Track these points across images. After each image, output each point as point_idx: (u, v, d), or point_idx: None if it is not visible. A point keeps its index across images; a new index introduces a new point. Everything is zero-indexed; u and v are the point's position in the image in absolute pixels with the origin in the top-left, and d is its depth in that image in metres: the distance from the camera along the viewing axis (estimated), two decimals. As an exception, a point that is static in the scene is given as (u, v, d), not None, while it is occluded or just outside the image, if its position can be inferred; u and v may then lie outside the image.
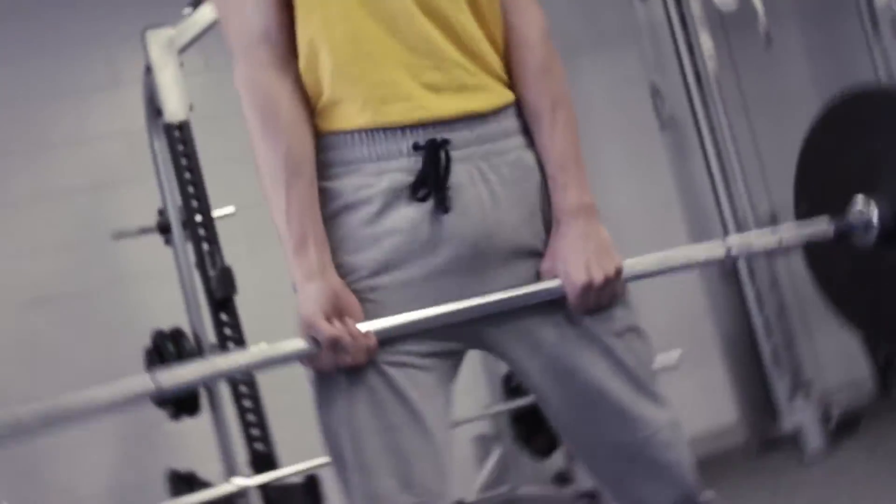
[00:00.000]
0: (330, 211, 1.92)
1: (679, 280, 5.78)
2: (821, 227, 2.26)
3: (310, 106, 1.94)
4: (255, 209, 2.16)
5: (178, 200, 4.48)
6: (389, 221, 1.90)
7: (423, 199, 1.89)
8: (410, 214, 1.89)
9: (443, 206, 1.89)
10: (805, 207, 2.49)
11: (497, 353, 2.03)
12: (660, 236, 5.80)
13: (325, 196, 1.92)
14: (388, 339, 1.86)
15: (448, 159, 1.90)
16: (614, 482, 2.07)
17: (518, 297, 1.93)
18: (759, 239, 2.30)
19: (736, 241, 2.24)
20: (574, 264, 1.92)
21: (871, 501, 4.24)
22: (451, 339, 1.94)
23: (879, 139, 2.33)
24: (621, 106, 6.12)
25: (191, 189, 4.43)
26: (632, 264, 2.01)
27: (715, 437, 5.86)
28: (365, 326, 1.84)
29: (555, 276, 1.94)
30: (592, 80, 6.20)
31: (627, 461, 2.00)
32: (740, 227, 5.32)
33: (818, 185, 2.51)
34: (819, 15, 6.49)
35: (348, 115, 1.91)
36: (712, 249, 2.17)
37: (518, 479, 5.37)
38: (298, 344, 1.85)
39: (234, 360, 1.93)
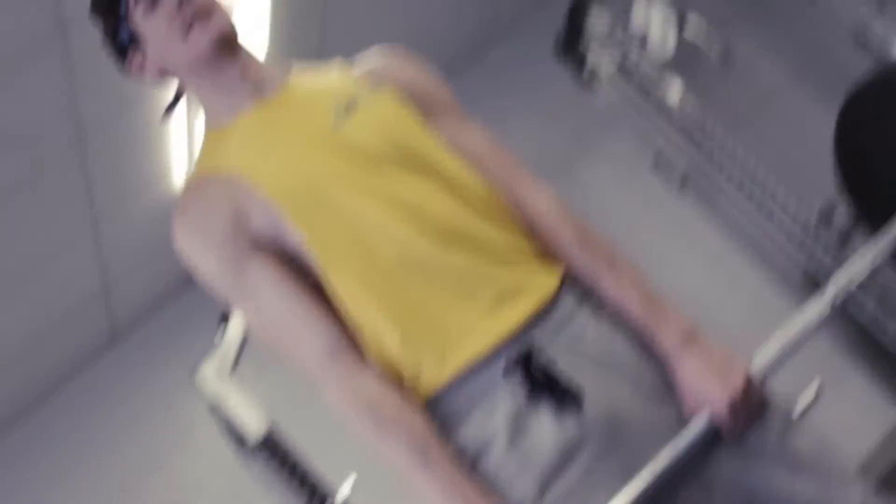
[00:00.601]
0: (468, 466, 1.90)
1: (770, 317, 5.77)
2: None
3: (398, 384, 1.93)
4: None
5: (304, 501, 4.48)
6: (528, 441, 1.88)
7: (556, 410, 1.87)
8: (545, 423, 1.88)
9: (574, 404, 1.88)
10: (865, 211, 2.43)
11: None
12: (734, 290, 5.81)
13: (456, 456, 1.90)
14: None
15: (544, 364, 1.89)
16: None
17: (680, 455, 1.85)
18: (853, 272, 2.22)
19: (833, 290, 2.14)
20: (709, 393, 1.89)
21: None
22: None
23: None
24: (635, 191, 6.15)
25: (306, 486, 4.43)
26: (757, 364, 1.95)
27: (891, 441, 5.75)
28: None
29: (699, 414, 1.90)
30: (596, 179, 6.29)
31: None
32: (801, 241, 5.27)
33: (872, 188, 2.47)
34: (758, 8, 6.55)
35: (435, 377, 1.92)
36: (819, 309, 2.11)
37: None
38: None
39: None
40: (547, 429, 1.88)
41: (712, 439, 1.89)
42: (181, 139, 4.61)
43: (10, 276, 4.56)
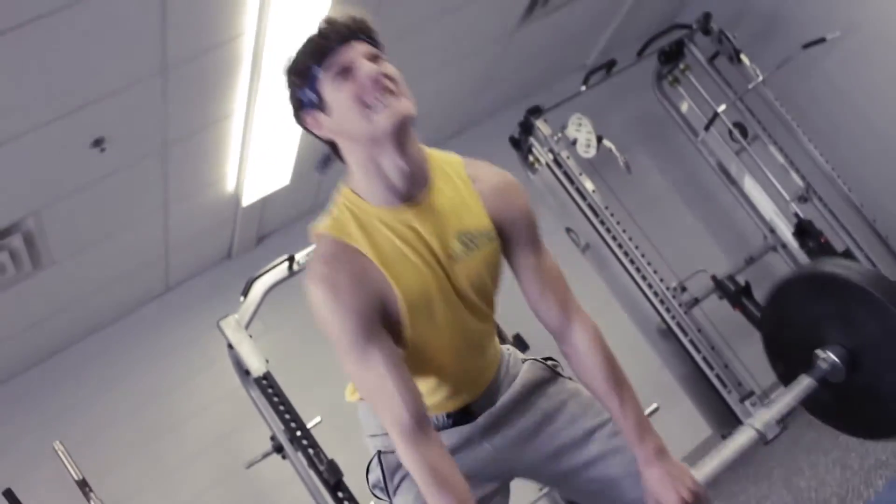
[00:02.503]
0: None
1: (633, 351, 5.79)
2: (805, 382, 2.26)
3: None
4: (335, 412, 2.14)
5: (281, 426, 4.43)
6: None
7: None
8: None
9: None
10: (781, 368, 2.49)
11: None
12: (612, 328, 5.80)
13: None
14: None
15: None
16: None
17: None
18: (773, 412, 2.27)
19: (759, 422, 2.21)
20: (670, 496, 1.92)
21: (821, 456, 4.14)
22: None
23: (811, 309, 2.34)
24: (551, 249, 6.14)
25: (287, 416, 4.38)
26: (701, 471, 2.09)
27: (700, 450, 5.78)
28: None
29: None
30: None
31: None
32: (662, 300, 5.30)
33: (783, 354, 2.51)
34: (653, 136, 6.60)
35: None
36: (748, 434, 2.18)
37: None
38: None
39: None
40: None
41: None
42: (237, 156, 4.57)
43: (99, 235, 4.51)
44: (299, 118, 1.88)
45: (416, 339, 1.89)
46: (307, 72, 1.81)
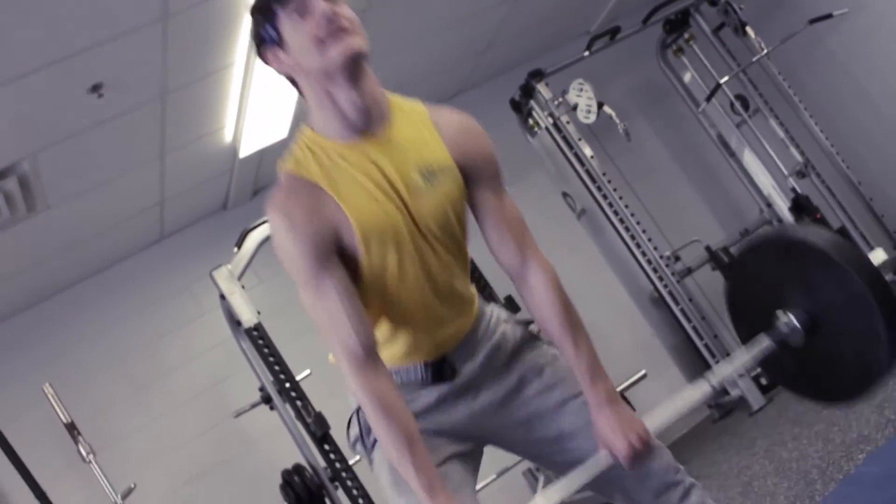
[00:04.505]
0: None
1: (625, 318, 5.82)
2: (764, 343, 2.27)
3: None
4: (325, 366, 2.16)
5: (270, 377, 4.47)
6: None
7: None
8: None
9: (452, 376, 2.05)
10: (744, 331, 2.50)
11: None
12: (605, 295, 5.87)
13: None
14: None
15: (452, 368, 2.04)
16: None
17: (585, 473, 1.99)
18: (731, 369, 2.28)
19: (716, 378, 2.21)
20: (617, 440, 1.96)
21: (805, 429, 4.18)
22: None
23: (776, 273, 2.35)
24: (547, 213, 6.16)
25: (276, 367, 4.42)
26: (652, 420, 2.05)
27: (686, 419, 5.81)
28: None
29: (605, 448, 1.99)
30: (521, 200, 6.23)
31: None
32: (655, 268, 5.33)
33: (745, 313, 2.52)
34: (654, 105, 6.59)
35: (388, 356, 2.00)
36: (702, 389, 2.18)
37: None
38: None
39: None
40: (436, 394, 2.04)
41: (612, 463, 2.00)
42: (235, 107, 4.56)
43: (95, 180, 4.51)
44: (261, 54, 1.95)
45: (377, 272, 1.91)
46: (268, 10, 1.89)
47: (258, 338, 4.42)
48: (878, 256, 5.29)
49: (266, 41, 1.91)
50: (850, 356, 2.24)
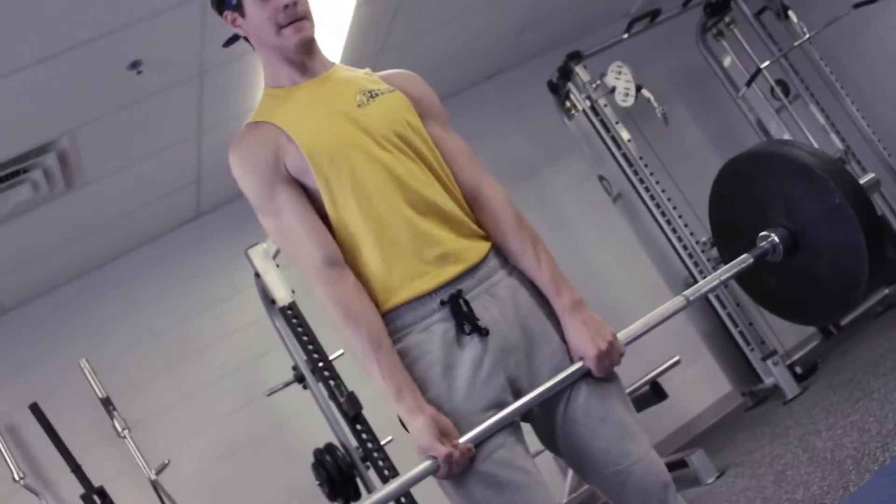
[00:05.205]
0: (405, 364, 1.96)
1: (659, 303, 5.78)
2: (743, 261, 2.29)
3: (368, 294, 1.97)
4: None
5: (304, 356, 4.50)
6: (456, 362, 1.96)
7: (469, 333, 1.96)
8: (466, 354, 1.96)
9: (482, 332, 1.97)
10: (727, 253, 2.51)
11: (539, 417, 2.06)
12: (639, 279, 5.84)
13: (399, 355, 1.96)
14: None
15: (467, 303, 1.98)
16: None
17: (558, 383, 1.98)
18: (707, 284, 2.29)
19: (691, 291, 2.23)
20: (586, 346, 2.00)
21: (840, 419, 4.15)
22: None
23: (758, 190, 2.36)
24: (583, 196, 6.15)
25: (310, 346, 4.44)
26: (625, 332, 2.07)
27: (719, 406, 5.81)
28: (464, 439, 1.88)
29: (578, 359, 2.01)
30: (557, 183, 6.25)
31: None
32: (690, 254, 5.30)
33: (729, 234, 2.54)
34: (693, 89, 6.54)
35: (393, 299, 1.98)
36: (676, 303, 2.18)
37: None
38: (425, 465, 1.87)
39: (387, 491, 1.89)
40: (466, 349, 1.97)
41: (583, 374, 2.01)
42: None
43: (133, 157, 4.54)
44: (220, 11, 2.14)
45: (345, 192, 1.98)
46: None
47: (292, 317, 4.45)
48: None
49: (227, 5, 2.11)
50: (831, 272, 2.26)
